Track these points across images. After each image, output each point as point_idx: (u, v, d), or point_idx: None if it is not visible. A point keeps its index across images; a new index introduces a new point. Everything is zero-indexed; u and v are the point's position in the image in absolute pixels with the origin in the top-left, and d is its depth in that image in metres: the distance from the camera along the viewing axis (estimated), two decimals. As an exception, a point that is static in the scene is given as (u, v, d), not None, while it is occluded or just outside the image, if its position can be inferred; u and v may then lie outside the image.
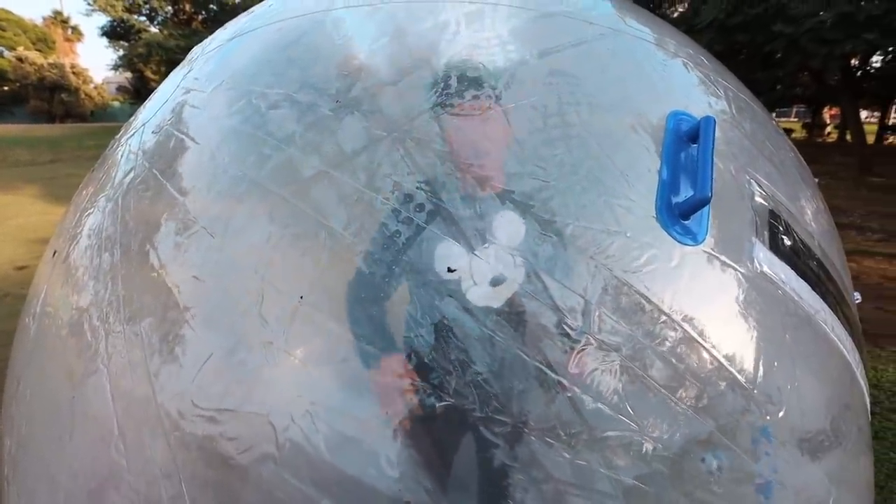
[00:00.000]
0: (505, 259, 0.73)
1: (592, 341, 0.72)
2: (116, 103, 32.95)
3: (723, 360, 0.79)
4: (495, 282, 0.72)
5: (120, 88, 32.90)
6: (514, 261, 0.73)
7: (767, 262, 0.91)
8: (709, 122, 0.89)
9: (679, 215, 0.84)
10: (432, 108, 0.83)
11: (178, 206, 0.86)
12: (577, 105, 0.89)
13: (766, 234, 0.94)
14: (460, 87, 0.85)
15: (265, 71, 0.95)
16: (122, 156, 1.11)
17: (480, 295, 0.71)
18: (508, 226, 0.75)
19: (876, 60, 11.98)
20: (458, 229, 0.74)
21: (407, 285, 0.71)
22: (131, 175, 1.01)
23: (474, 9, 1.03)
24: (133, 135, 1.13)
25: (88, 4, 25.01)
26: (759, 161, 1.04)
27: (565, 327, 0.71)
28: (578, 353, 0.71)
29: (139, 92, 30.33)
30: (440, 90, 0.84)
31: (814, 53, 8.97)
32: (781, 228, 0.98)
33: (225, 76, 1.00)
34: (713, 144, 0.87)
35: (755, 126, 1.14)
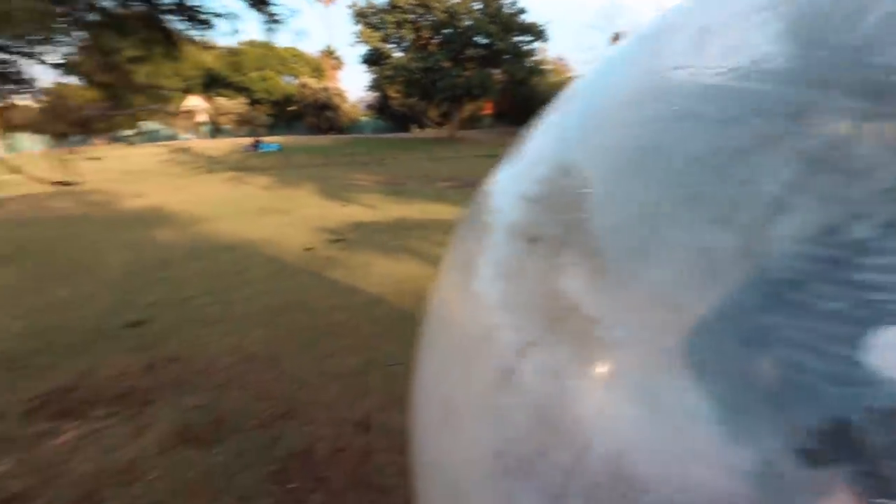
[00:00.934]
0: None
1: None
2: (364, 118, 39.02)
3: None
4: None
5: (369, 106, 38.73)
6: None
7: None
8: None
9: None
10: None
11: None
12: None
13: None
14: None
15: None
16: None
17: None
18: None
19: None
20: None
21: None
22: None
23: None
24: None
25: (356, 37, 29.81)
26: None
27: None
28: None
29: (381, 109, 35.46)
30: None
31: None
32: None
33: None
34: None
35: None
